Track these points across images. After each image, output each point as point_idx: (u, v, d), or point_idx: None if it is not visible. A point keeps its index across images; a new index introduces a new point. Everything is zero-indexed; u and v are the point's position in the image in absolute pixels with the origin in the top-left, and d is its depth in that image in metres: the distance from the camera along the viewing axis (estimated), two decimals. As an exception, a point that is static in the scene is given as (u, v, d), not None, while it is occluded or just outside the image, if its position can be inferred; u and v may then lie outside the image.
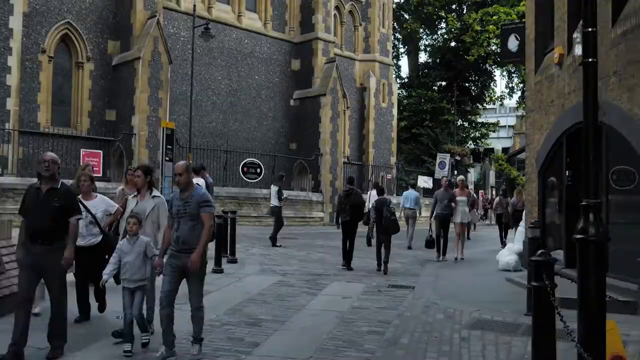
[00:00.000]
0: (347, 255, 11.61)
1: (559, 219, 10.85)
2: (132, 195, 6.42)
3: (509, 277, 10.56)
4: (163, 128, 12.51)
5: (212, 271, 10.09)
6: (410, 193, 17.32)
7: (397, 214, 18.97)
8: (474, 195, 19.40)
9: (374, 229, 11.49)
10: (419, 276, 10.96)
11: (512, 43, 13.04)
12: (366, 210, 13.09)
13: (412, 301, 8.43)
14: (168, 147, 12.45)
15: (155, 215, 6.02)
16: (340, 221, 11.98)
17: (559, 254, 10.72)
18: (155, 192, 6.21)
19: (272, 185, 16.40)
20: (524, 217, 12.93)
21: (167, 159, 12.40)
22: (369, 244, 12.40)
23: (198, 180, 11.88)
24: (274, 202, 15.67)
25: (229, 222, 11.93)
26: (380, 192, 12.39)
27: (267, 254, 13.59)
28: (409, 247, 16.14)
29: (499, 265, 11.81)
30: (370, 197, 16.11)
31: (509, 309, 7.91)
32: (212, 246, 11.26)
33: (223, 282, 9.32)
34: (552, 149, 10.87)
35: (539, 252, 4.60)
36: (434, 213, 13.51)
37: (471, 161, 37.80)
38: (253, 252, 13.82)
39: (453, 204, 13.35)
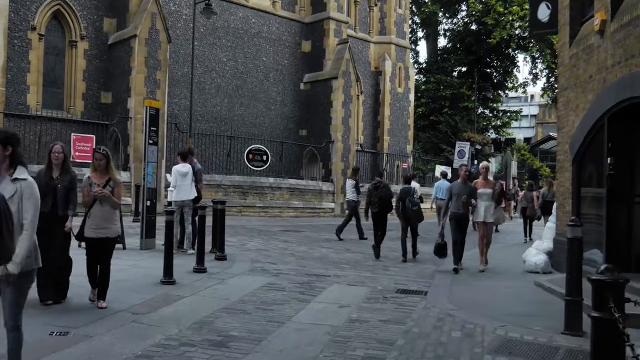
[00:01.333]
0: (376, 245, 11.68)
1: (597, 214, 9.33)
2: None
3: (538, 281, 9.10)
4: (146, 107, 11.13)
5: (193, 271, 8.78)
6: (443, 183, 16.37)
7: (430, 205, 17.90)
8: (502, 186, 17.63)
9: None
10: (433, 278, 9.51)
11: (543, 12, 11.43)
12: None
13: (422, 312, 7.00)
14: (152, 128, 11.05)
15: (15, 207, 3.76)
16: (370, 212, 12.31)
17: (594, 254, 9.27)
18: (21, 172, 3.95)
19: (347, 179, 16.29)
20: (554, 211, 11.41)
21: (150, 142, 11.01)
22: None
23: (184, 167, 10.60)
24: (350, 195, 15.29)
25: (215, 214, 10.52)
26: (406, 181, 12.46)
27: (264, 249, 12.23)
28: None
29: (525, 267, 10.34)
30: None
31: (541, 325, 6.48)
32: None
33: (201, 285, 7.95)
34: (590, 133, 9.34)
35: (604, 267, 3.14)
36: (448, 211, 10.45)
37: (492, 150, 35.99)
38: (249, 246, 12.48)
39: (473, 201, 10.18)
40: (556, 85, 37.97)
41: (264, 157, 21.36)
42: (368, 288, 8.37)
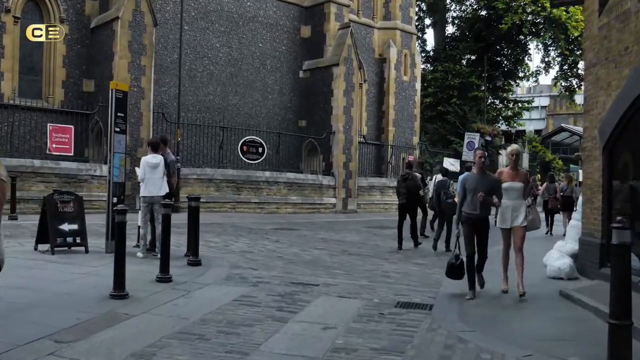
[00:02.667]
0: (402, 237, 12.02)
1: (633, 211, 7.90)
2: None
3: (564, 290, 7.70)
4: (112, 90, 9.76)
5: (156, 280, 7.43)
6: None
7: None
8: (535, 180, 16.46)
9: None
10: (440, 287, 8.12)
11: (566, -21, 9.99)
12: (430, 195, 13.93)
13: (426, 335, 5.63)
14: (119, 114, 9.68)
15: None
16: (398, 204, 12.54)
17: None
18: None
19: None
20: (579, 207, 9.98)
21: (117, 130, 9.64)
22: (431, 227, 14.22)
23: (154, 158, 9.26)
24: None
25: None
26: (443, 173, 12.81)
27: (250, 251, 10.85)
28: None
29: (548, 272, 8.95)
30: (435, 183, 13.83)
31: (576, 352, 5.12)
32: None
33: (160, 299, 6.57)
34: (626, 114, 7.92)
35: None
36: (461, 214, 7.46)
37: (503, 142, 34.41)
38: (233, 248, 11.11)
39: (495, 199, 7.20)
40: (570, 73, 36.49)
41: (259, 149, 20.01)
42: (362, 301, 6.99)
